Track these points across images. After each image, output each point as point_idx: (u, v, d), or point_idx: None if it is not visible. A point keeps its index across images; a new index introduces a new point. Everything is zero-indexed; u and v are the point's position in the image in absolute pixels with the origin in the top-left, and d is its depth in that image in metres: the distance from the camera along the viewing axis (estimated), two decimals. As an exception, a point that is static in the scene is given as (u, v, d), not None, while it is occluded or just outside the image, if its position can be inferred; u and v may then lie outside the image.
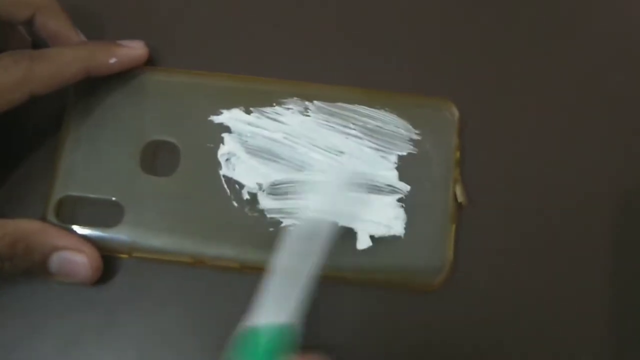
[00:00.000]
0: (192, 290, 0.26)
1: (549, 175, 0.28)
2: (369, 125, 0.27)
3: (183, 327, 0.26)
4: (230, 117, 0.27)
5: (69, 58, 0.26)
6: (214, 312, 0.26)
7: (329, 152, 0.27)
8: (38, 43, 0.28)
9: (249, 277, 0.26)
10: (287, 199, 0.26)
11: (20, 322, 0.26)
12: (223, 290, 0.26)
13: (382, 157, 0.27)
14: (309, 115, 0.27)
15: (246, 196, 0.26)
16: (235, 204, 0.26)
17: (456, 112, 0.28)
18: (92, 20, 0.29)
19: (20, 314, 0.26)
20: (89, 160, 0.27)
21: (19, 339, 0.26)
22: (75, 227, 0.26)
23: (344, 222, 0.26)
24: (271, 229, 0.26)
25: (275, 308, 0.21)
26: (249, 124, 0.27)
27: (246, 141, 0.27)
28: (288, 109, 0.27)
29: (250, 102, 0.27)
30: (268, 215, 0.26)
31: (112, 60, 0.26)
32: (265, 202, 0.26)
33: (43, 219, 0.26)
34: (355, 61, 0.29)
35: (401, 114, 0.27)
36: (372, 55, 0.29)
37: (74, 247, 0.25)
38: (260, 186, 0.26)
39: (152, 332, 0.26)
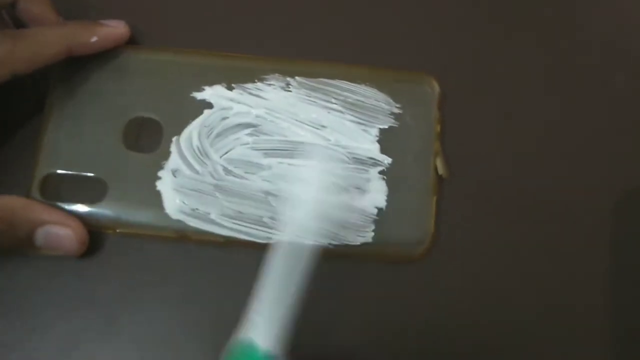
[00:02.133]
0: (178, 266, 0.26)
1: (528, 147, 0.28)
2: (350, 100, 0.27)
3: (170, 307, 0.26)
4: (212, 93, 0.27)
5: (51, 37, 0.26)
6: (202, 288, 0.26)
7: (311, 126, 0.27)
8: (20, 26, 0.28)
9: (234, 251, 0.26)
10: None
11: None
12: (209, 265, 0.26)
13: (364, 130, 0.27)
14: (290, 91, 0.27)
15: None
16: (214, 179, 0.26)
17: (436, 86, 0.28)
18: (73, 2, 0.29)
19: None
20: (72, 137, 0.27)
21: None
22: (60, 204, 0.26)
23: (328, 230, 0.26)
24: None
25: (264, 332, 0.21)
26: (231, 99, 0.27)
27: (228, 117, 0.27)
28: (270, 84, 0.28)
29: (232, 79, 0.27)
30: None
31: (94, 39, 0.27)
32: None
33: (27, 196, 0.26)
34: (335, 37, 0.29)
35: (382, 89, 0.28)
36: (353, 31, 0.29)
37: (59, 222, 0.25)
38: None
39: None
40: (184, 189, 0.26)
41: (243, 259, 0.26)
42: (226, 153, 0.27)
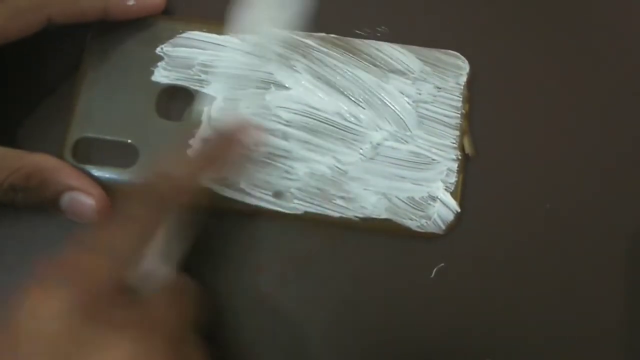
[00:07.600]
0: (205, 235, 0.27)
1: (556, 129, 0.28)
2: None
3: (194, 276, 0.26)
4: None
5: None
6: (227, 258, 0.27)
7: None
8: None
9: (260, 220, 0.27)
10: None
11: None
12: (234, 234, 0.27)
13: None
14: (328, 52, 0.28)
15: None
16: None
17: (467, 65, 0.28)
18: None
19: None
20: (106, 103, 0.27)
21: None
22: (91, 167, 0.26)
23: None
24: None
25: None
26: None
27: None
28: None
29: (263, 52, 0.28)
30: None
31: (131, 2, 0.27)
32: None
33: (60, 157, 0.26)
34: (365, 13, 0.30)
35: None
36: (386, 8, 0.30)
37: (83, 189, 0.25)
38: None
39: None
40: (214, 157, 0.26)
41: (267, 229, 0.27)
42: (257, 124, 0.27)
